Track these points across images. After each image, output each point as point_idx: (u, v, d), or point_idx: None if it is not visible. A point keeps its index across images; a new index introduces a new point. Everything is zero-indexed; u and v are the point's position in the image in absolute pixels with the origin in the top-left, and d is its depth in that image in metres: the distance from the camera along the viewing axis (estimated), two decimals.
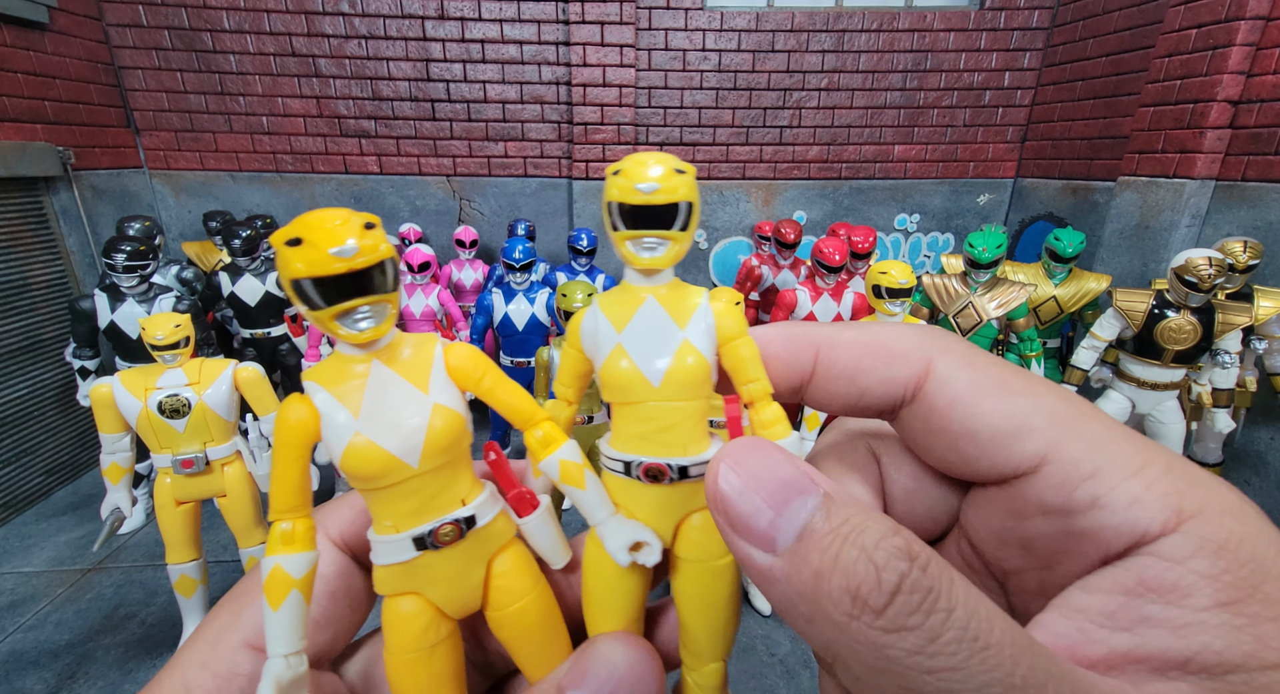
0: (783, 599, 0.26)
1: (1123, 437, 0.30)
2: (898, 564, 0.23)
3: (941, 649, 0.22)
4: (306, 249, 0.32)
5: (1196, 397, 2.88)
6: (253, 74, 4.40)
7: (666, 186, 0.36)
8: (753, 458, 0.29)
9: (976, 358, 0.35)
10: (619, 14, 4.32)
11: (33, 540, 3.24)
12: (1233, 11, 3.13)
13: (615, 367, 0.37)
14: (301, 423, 0.35)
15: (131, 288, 2.86)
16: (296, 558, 0.35)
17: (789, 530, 0.26)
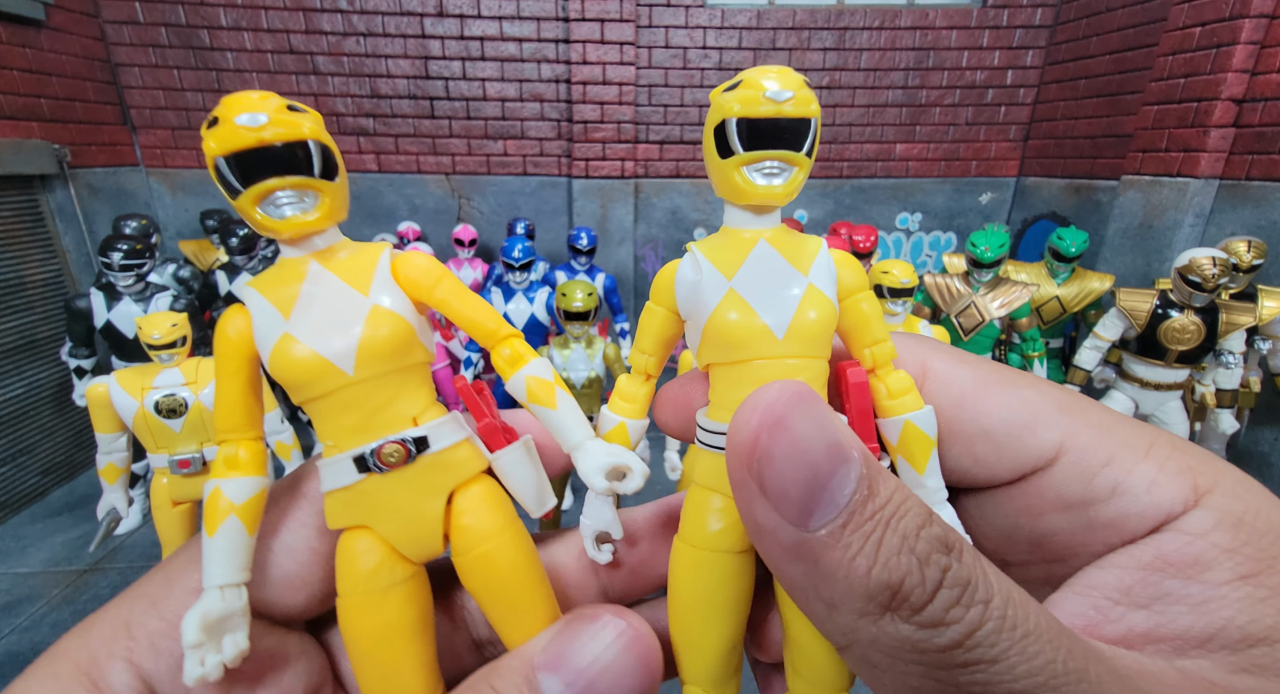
0: (803, 579, 0.24)
1: (1123, 419, 0.30)
2: (939, 558, 0.22)
3: (980, 641, 0.21)
4: (220, 125, 0.29)
5: (1200, 397, 2.87)
6: (250, 71, 4.37)
7: (800, 96, 0.31)
8: (799, 419, 0.25)
9: (966, 356, 0.34)
10: (619, 11, 4.30)
11: (29, 541, 3.22)
12: (1237, 9, 3.12)
13: (724, 319, 0.32)
14: (239, 334, 0.33)
15: (128, 287, 2.83)
16: (238, 482, 0.32)
17: (830, 506, 0.23)
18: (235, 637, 0.30)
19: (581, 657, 0.31)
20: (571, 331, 2.55)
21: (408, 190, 4.71)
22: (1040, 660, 0.21)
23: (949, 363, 0.34)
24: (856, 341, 0.34)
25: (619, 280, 4.80)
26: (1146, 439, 0.29)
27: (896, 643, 0.22)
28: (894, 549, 0.22)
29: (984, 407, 0.32)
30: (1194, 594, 0.24)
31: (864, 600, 0.22)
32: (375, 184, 4.67)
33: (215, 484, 0.32)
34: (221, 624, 0.29)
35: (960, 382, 0.33)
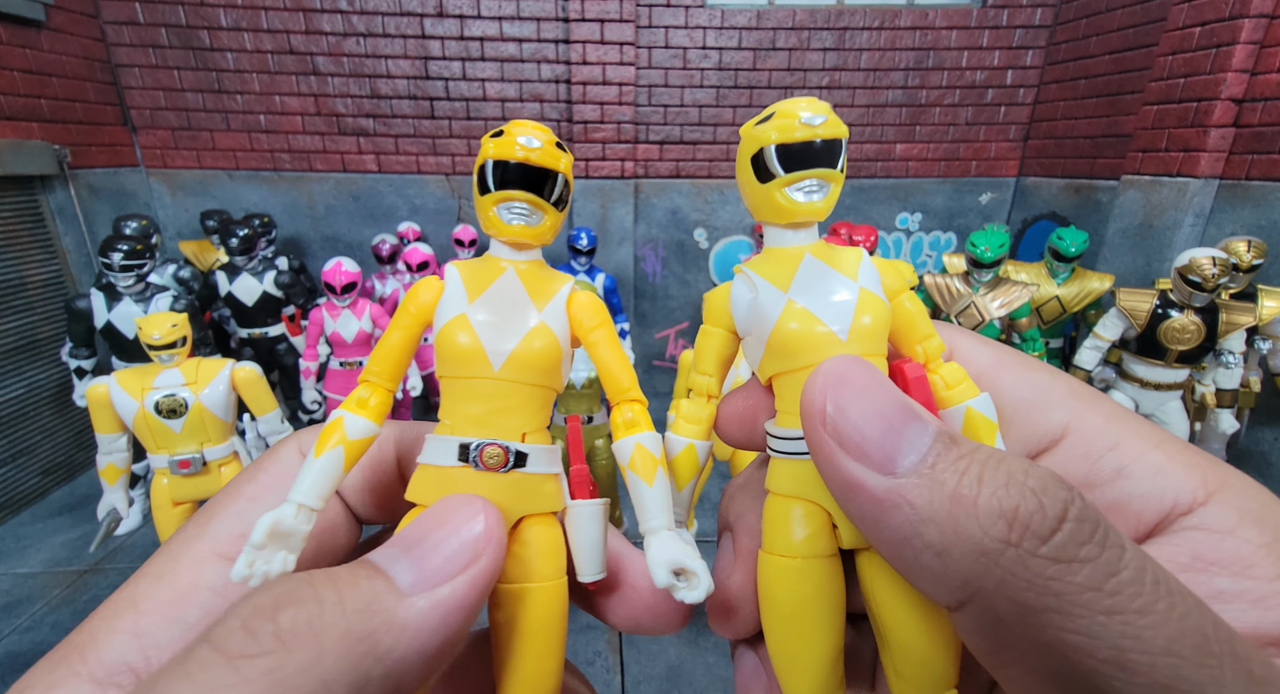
0: (905, 528, 0.23)
1: (1136, 416, 0.31)
2: (1059, 491, 0.21)
3: (1122, 588, 0.19)
4: (503, 139, 0.35)
5: (1200, 397, 2.87)
6: (250, 72, 4.37)
7: (832, 119, 0.34)
8: (863, 376, 0.27)
9: (990, 341, 0.36)
10: (619, 11, 4.30)
11: (29, 542, 3.22)
12: (1236, 9, 3.12)
13: (787, 330, 0.34)
14: (427, 303, 0.37)
15: (128, 287, 2.84)
16: (360, 421, 0.34)
17: (913, 451, 0.24)
18: (287, 556, 0.30)
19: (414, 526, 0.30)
20: None
21: (408, 190, 4.71)
22: (1191, 623, 0.19)
23: (972, 344, 0.36)
24: (907, 339, 0.36)
25: (619, 280, 4.80)
26: (1158, 434, 0.29)
27: (1025, 582, 0.20)
28: (1001, 481, 0.22)
29: (998, 385, 0.33)
30: (1250, 590, 0.24)
31: (979, 535, 0.21)
32: (375, 184, 4.67)
33: (341, 414, 0.35)
34: (285, 538, 0.30)
35: (980, 360, 0.34)
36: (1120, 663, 0.19)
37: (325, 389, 3.32)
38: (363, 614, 0.24)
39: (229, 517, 0.32)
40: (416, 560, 0.27)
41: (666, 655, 2.52)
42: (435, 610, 0.26)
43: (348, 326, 3.15)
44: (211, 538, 0.31)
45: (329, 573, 0.25)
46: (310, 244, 4.78)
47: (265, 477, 0.35)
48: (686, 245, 5.01)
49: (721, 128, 4.75)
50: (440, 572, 0.27)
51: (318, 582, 0.25)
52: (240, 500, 0.33)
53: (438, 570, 0.27)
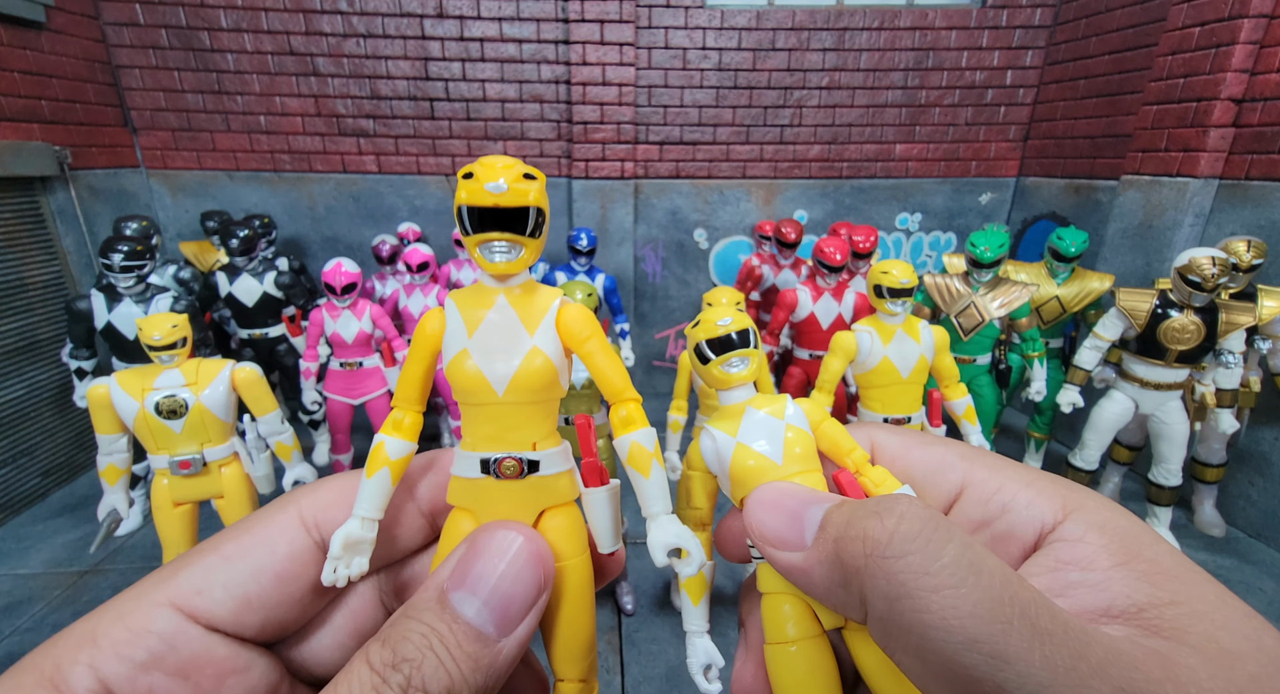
0: (823, 582, 0.32)
1: (1011, 463, 0.40)
2: (894, 506, 0.30)
3: (943, 569, 0.27)
4: (472, 182, 0.39)
5: (1200, 397, 2.86)
6: (250, 73, 4.37)
7: (515, 189, 0.39)
8: (769, 493, 0.39)
9: (898, 429, 0.47)
10: (619, 12, 4.30)
11: (29, 542, 3.22)
12: (1236, 9, 3.12)
13: (742, 466, 0.45)
14: (434, 334, 0.42)
15: (128, 288, 2.84)
16: (398, 443, 0.42)
17: (813, 524, 0.34)
18: (360, 560, 0.38)
19: (483, 569, 0.35)
20: None
21: (408, 191, 4.71)
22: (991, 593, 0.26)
23: (884, 435, 0.45)
24: (838, 454, 0.45)
25: (619, 281, 4.80)
26: (1030, 475, 0.38)
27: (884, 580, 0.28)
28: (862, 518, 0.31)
29: (908, 460, 0.43)
30: (1090, 579, 0.31)
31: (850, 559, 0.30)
32: (375, 185, 4.67)
33: (383, 439, 0.41)
34: (356, 546, 0.37)
35: (891, 447, 0.44)
36: (945, 627, 0.26)
37: (325, 390, 3.32)
38: (477, 673, 0.32)
39: (197, 571, 0.35)
40: (496, 611, 0.34)
41: (667, 656, 2.52)
42: (518, 646, 0.34)
43: (348, 327, 3.15)
44: (174, 588, 0.35)
45: (437, 632, 0.32)
46: (310, 245, 4.78)
47: (250, 540, 0.37)
48: (686, 245, 5.01)
49: (721, 128, 4.75)
50: (516, 617, 0.34)
51: (435, 645, 0.31)
52: (216, 557, 0.36)
53: (514, 617, 0.34)
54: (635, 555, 3.05)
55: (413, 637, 0.31)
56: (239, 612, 0.35)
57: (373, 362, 3.28)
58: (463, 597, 0.33)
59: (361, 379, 3.27)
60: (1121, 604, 0.29)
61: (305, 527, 0.38)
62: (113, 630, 0.32)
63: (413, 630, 0.31)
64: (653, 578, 2.95)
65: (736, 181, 4.87)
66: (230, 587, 0.35)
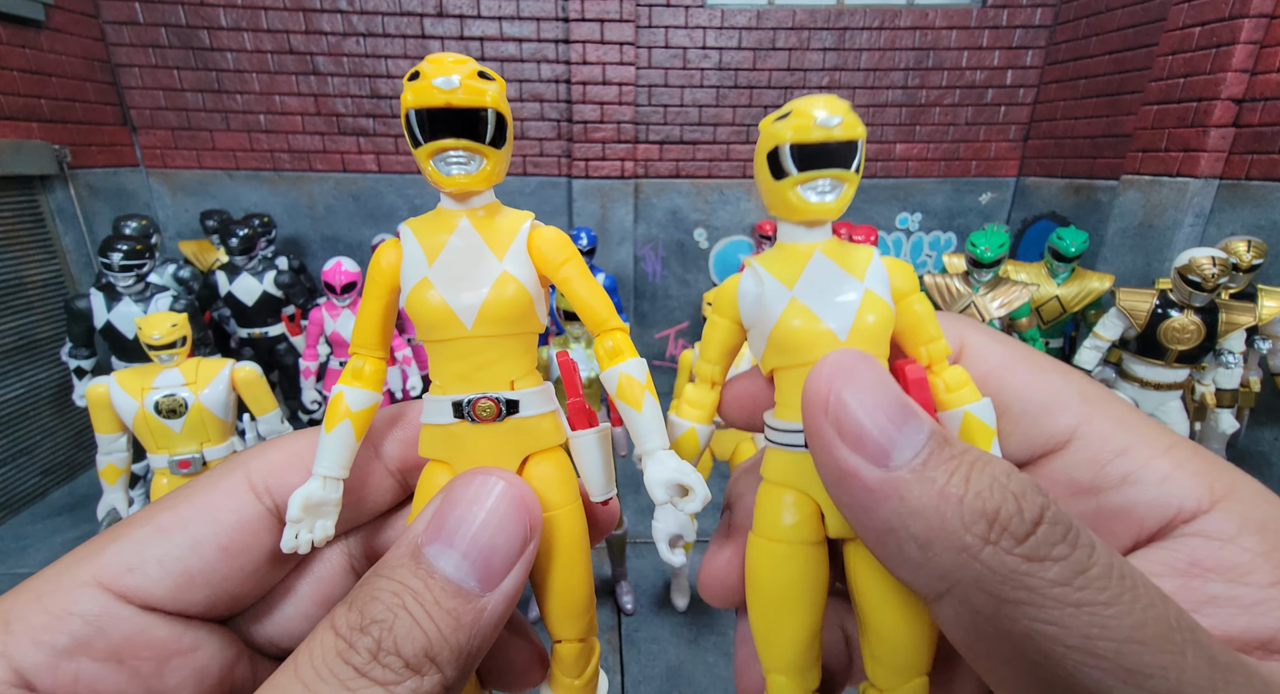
0: (892, 519, 0.25)
1: (1148, 420, 0.31)
2: (1036, 496, 0.22)
3: (1090, 583, 0.21)
4: (419, 82, 0.33)
5: (1200, 397, 2.87)
6: (250, 72, 4.37)
7: (849, 120, 0.33)
8: (867, 371, 0.28)
9: (1003, 337, 0.36)
10: (619, 11, 4.30)
11: (29, 541, 3.22)
12: (1236, 9, 3.12)
13: (789, 326, 0.35)
14: (390, 266, 0.37)
15: (128, 287, 2.83)
16: (359, 392, 0.37)
17: (908, 447, 0.25)
18: (325, 523, 0.34)
19: (460, 518, 0.31)
20: (571, 331, 2.55)
21: (408, 190, 4.70)
22: (1154, 612, 0.20)
23: (984, 340, 0.36)
24: (912, 341, 0.36)
25: (619, 280, 4.80)
26: (1168, 439, 0.29)
27: (1001, 577, 0.22)
28: (985, 484, 0.23)
29: (1008, 383, 0.33)
30: (1242, 596, 0.24)
31: (961, 531, 0.22)
32: (375, 184, 4.67)
33: (340, 389, 0.37)
34: (318, 508, 0.34)
35: (990, 358, 0.34)
36: (1087, 649, 0.21)
37: (325, 389, 3.32)
38: (459, 631, 0.28)
39: (129, 544, 0.32)
40: (477, 563, 0.30)
41: (666, 655, 2.52)
42: (505, 601, 0.30)
43: (347, 326, 3.15)
44: (102, 563, 0.31)
45: (410, 589, 0.28)
46: (310, 244, 4.78)
47: (190, 508, 0.34)
48: (686, 245, 5.01)
49: (721, 128, 4.75)
50: (501, 569, 0.30)
51: (408, 602, 0.28)
52: (150, 528, 0.32)
53: (498, 569, 0.30)
54: (635, 555, 3.05)
55: (383, 596, 0.28)
56: (179, 589, 0.32)
57: None
58: (439, 549, 0.30)
59: None
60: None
61: (255, 492, 0.35)
62: (28, 614, 0.29)
63: (383, 589, 0.28)
64: (652, 578, 2.95)
65: (736, 181, 4.87)
66: (167, 562, 0.32)
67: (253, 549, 0.34)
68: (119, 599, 0.30)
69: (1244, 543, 0.25)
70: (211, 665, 0.33)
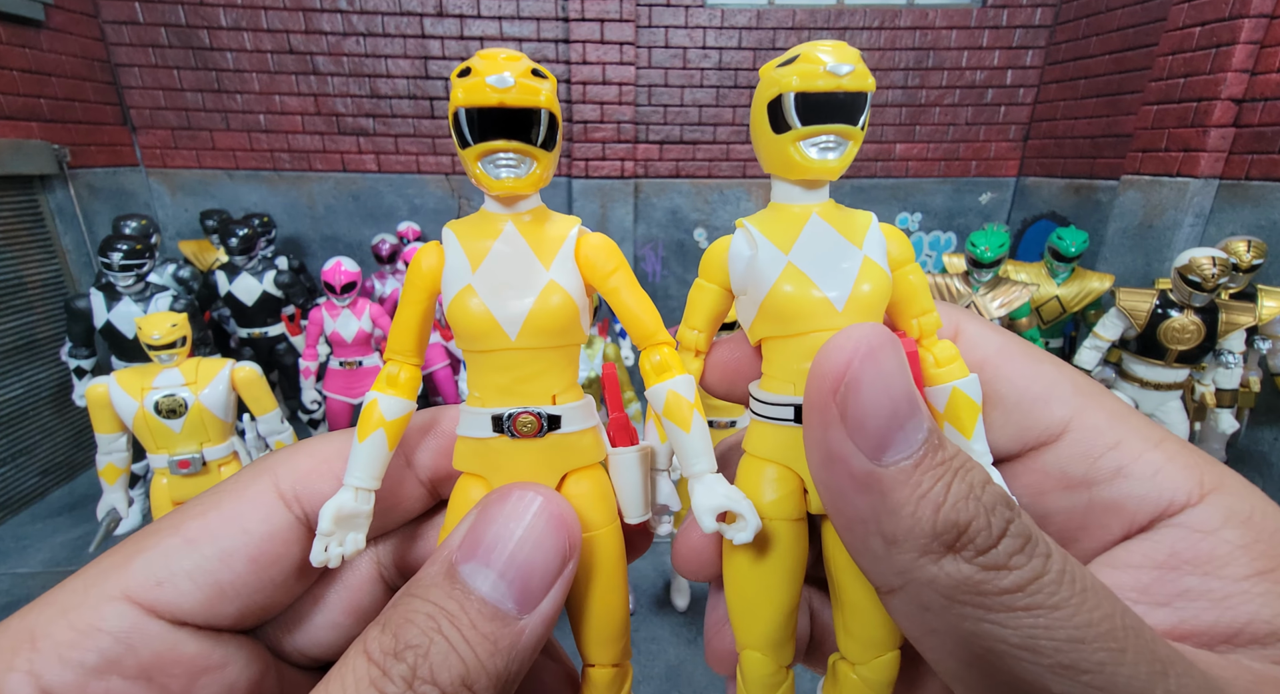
0: (866, 511, 0.25)
1: (1139, 414, 0.31)
2: (1004, 510, 0.23)
3: (1041, 588, 0.22)
4: (471, 79, 0.32)
5: (1200, 397, 2.86)
6: (250, 71, 4.37)
7: (860, 69, 0.31)
8: (889, 356, 0.26)
9: (999, 328, 0.35)
10: (619, 11, 4.30)
11: (28, 541, 3.22)
12: (1236, 9, 3.12)
13: (783, 293, 0.33)
14: (431, 270, 0.36)
15: (127, 287, 2.83)
16: (393, 400, 0.35)
17: (905, 445, 0.24)
18: (356, 536, 0.33)
19: (496, 535, 0.30)
20: None
21: (408, 190, 4.70)
22: (1100, 613, 0.21)
23: (979, 329, 0.35)
24: (904, 312, 0.35)
25: None
26: (1159, 434, 0.30)
27: (956, 583, 0.22)
28: (962, 494, 0.23)
29: (1002, 373, 0.33)
30: (1215, 590, 0.25)
31: (929, 538, 0.23)
32: (375, 184, 4.67)
33: (375, 396, 0.35)
34: (349, 520, 0.32)
35: (985, 347, 0.34)
36: (1029, 647, 0.22)
37: (325, 389, 3.32)
38: (496, 656, 0.27)
39: (157, 556, 0.31)
40: (515, 583, 0.29)
41: (666, 655, 2.52)
42: (543, 624, 0.29)
43: (347, 326, 3.14)
44: (130, 576, 0.30)
45: (446, 612, 0.27)
46: (310, 244, 4.78)
47: (218, 517, 0.32)
48: (686, 245, 5.00)
49: (721, 127, 4.75)
50: (539, 590, 0.29)
51: (444, 626, 0.27)
52: (178, 539, 0.31)
53: (537, 590, 0.29)
54: None
55: (417, 619, 0.27)
56: (210, 602, 0.31)
57: (372, 361, 3.27)
58: (475, 568, 0.28)
59: (361, 378, 3.27)
60: (1259, 629, 0.24)
61: (284, 500, 0.33)
62: (54, 630, 0.28)
63: (417, 611, 0.27)
64: (652, 577, 2.95)
65: (736, 181, 4.87)
66: (197, 575, 0.30)
67: (282, 560, 0.33)
68: (148, 614, 0.29)
69: (1225, 535, 0.26)
70: (240, 681, 0.32)
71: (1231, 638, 0.24)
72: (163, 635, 0.29)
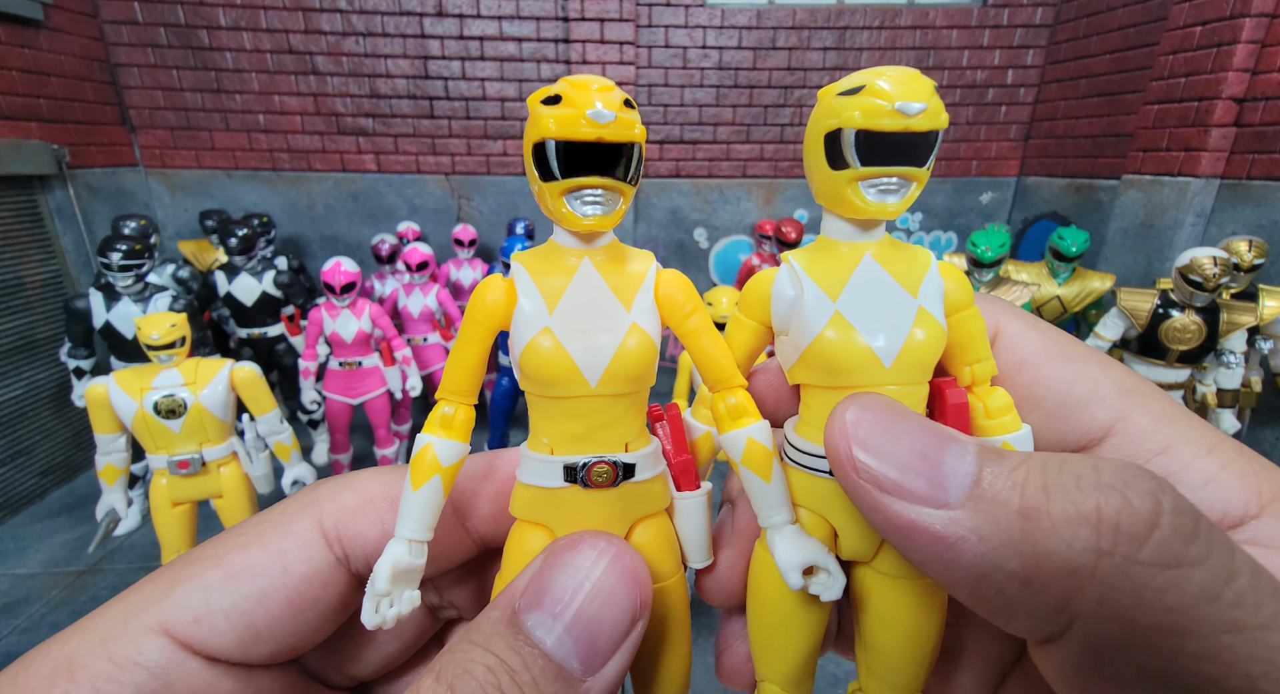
0: (979, 562, 0.20)
1: (1190, 416, 0.28)
2: (1141, 481, 0.18)
3: (1242, 597, 0.16)
4: (564, 108, 0.29)
5: (1201, 397, 2.86)
6: (249, 71, 4.36)
7: (934, 107, 0.29)
8: (881, 411, 0.25)
9: (1040, 323, 0.33)
10: (619, 11, 4.29)
11: (27, 542, 3.21)
12: (1237, 8, 3.11)
13: (829, 344, 0.31)
14: (496, 304, 0.33)
15: (127, 287, 2.83)
16: (449, 444, 0.32)
17: (960, 474, 0.21)
18: (411, 594, 0.31)
19: (564, 586, 0.28)
20: None
21: (407, 190, 4.70)
22: None
23: (1021, 327, 0.33)
24: (958, 359, 0.33)
25: None
26: (1212, 438, 0.27)
27: (1133, 596, 0.17)
28: (1070, 484, 0.19)
29: (1043, 374, 0.31)
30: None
31: (1064, 548, 0.18)
32: (375, 184, 4.66)
33: (429, 440, 0.32)
34: (404, 575, 0.30)
35: (1026, 347, 0.32)
36: (1254, 691, 0.16)
37: (324, 389, 3.31)
38: None
39: (196, 591, 0.30)
40: (581, 641, 0.27)
41: None
42: (607, 689, 0.27)
43: (347, 327, 3.14)
44: (169, 609, 0.29)
45: (507, 666, 0.25)
46: (309, 244, 4.77)
47: (261, 552, 0.31)
48: (686, 245, 5.00)
49: (722, 127, 4.74)
50: (606, 650, 0.27)
51: (504, 682, 0.25)
52: (219, 572, 0.31)
53: (604, 650, 0.27)
54: None
55: (475, 670, 0.25)
56: (244, 644, 0.30)
57: (372, 361, 3.27)
58: (539, 619, 0.27)
59: (361, 378, 3.27)
60: None
61: (326, 539, 0.32)
62: (93, 660, 0.27)
63: (476, 662, 0.25)
64: None
65: (737, 181, 4.86)
66: (234, 615, 0.30)
67: (320, 602, 0.32)
68: (184, 649, 0.29)
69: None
70: None
71: None
72: (199, 673, 0.29)
